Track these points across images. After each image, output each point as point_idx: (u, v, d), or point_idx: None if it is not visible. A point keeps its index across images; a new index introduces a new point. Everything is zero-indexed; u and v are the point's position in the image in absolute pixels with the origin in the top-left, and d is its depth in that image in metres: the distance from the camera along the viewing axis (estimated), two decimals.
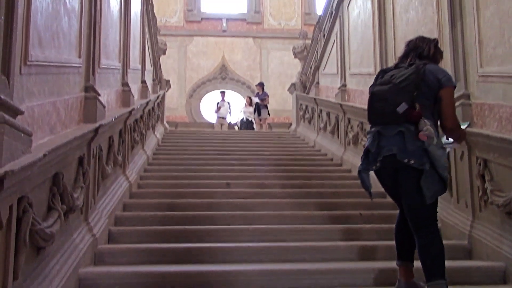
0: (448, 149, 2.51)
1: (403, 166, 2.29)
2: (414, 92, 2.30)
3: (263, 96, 10.81)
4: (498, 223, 2.84)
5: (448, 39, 3.58)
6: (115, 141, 3.76)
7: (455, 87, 2.46)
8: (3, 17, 1.72)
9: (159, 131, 7.34)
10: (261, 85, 11.12)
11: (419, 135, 2.26)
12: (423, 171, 2.25)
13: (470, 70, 3.36)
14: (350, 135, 5.55)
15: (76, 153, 2.64)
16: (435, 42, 2.54)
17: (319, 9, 10.56)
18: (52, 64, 2.44)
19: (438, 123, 2.40)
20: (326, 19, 7.72)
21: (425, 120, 2.27)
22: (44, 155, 1.89)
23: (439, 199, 2.42)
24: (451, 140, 2.50)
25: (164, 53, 10.09)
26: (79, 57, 2.98)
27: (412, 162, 2.26)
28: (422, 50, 2.47)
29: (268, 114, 10.86)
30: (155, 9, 7.98)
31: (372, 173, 2.46)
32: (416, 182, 2.26)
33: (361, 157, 2.49)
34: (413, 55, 2.47)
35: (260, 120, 10.71)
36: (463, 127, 2.62)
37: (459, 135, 2.49)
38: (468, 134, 2.91)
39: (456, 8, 3.51)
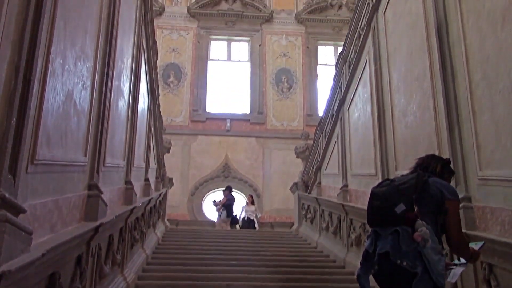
0: (460, 270, 2.42)
1: (396, 268, 2.21)
2: (413, 195, 2.31)
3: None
4: None
5: (446, 142, 3.65)
6: (115, 239, 3.73)
7: (459, 201, 2.44)
8: (15, 119, 1.79)
9: (160, 229, 7.27)
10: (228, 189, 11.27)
11: (414, 235, 2.20)
12: (416, 274, 2.16)
13: (470, 173, 3.40)
14: (353, 236, 5.48)
15: (75, 252, 2.61)
16: (444, 161, 2.56)
17: (321, 111, 10.87)
18: (58, 163, 2.49)
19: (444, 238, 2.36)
20: (327, 121, 7.93)
21: (423, 222, 2.25)
22: (43, 255, 1.87)
23: None
24: (463, 260, 2.42)
25: (169, 152, 10.27)
26: (85, 155, 3.04)
27: (404, 263, 2.19)
28: (428, 165, 2.51)
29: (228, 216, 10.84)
30: (161, 109, 8.25)
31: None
32: (408, 287, 2.16)
33: (360, 261, 2.44)
34: (419, 169, 2.50)
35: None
36: (476, 247, 2.50)
37: (470, 254, 2.40)
38: (472, 237, 2.88)
39: (453, 113, 3.62)
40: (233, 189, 11.48)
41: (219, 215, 10.95)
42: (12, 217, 1.69)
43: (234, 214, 10.98)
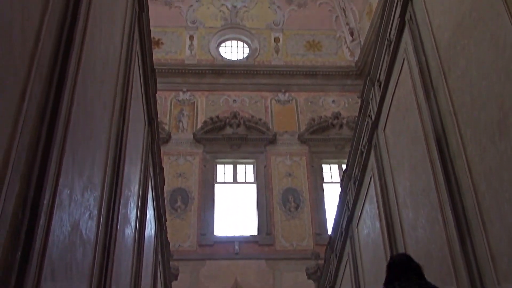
0: None
1: None
2: None
3: None
4: None
5: (459, 255, 3.56)
6: None
7: None
8: (19, 252, 1.78)
9: None
10: None
11: None
12: None
13: (489, 286, 3.27)
14: None
15: None
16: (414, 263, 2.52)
17: (330, 229, 10.75)
18: None
19: None
20: (336, 239, 7.81)
21: None
22: None
23: None
24: None
25: (176, 279, 10.01)
26: (90, 286, 2.97)
27: None
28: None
29: None
30: (168, 235, 8.18)
31: None
32: None
33: None
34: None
35: None
36: None
37: None
38: None
39: (463, 225, 3.57)
40: None
41: None
42: None
43: None
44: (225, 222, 13.78)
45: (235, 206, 14.06)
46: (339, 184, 9.46)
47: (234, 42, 16.97)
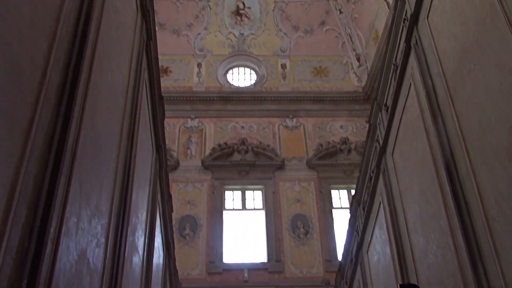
0: None
1: None
2: None
3: None
4: None
5: (472, 281, 3.50)
6: None
7: None
8: (25, 281, 1.77)
9: None
10: None
11: None
12: None
13: None
14: None
15: None
16: None
17: (340, 255, 10.62)
18: None
19: None
20: (347, 266, 7.71)
21: None
22: None
23: None
24: None
25: None
26: None
27: None
28: None
29: None
30: (177, 263, 8.12)
31: None
32: None
33: None
34: None
35: None
36: None
37: None
38: None
39: (474, 251, 3.51)
40: None
41: None
42: None
43: None
44: (234, 249, 13.67)
45: (244, 233, 13.97)
46: (348, 210, 9.40)
47: (241, 69, 17.12)
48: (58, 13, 2.22)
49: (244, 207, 14.46)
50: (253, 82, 16.69)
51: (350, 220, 7.55)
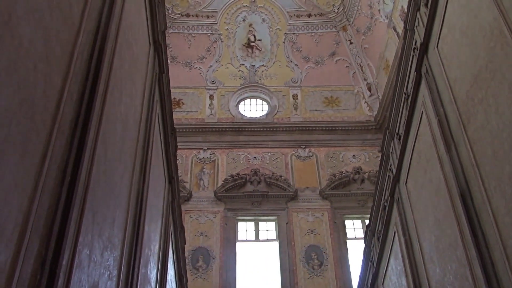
0: None
1: None
2: None
3: None
4: None
5: None
6: None
7: None
8: None
9: None
10: None
11: None
12: None
13: None
14: None
15: None
16: None
17: (355, 287, 10.42)
18: None
19: None
20: None
21: None
22: None
23: None
24: None
25: None
26: None
27: None
28: None
29: None
30: None
31: None
32: None
33: None
34: None
35: None
36: None
37: None
38: None
39: (493, 282, 3.44)
40: None
41: None
42: None
43: None
44: (248, 281, 13.50)
45: (258, 264, 13.80)
46: (363, 240, 9.27)
47: (253, 100, 17.23)
48: (72, 48, 2.27)
49: (257, 238, 14.34)
50: (265, 113, 16.76)
51: (364, 250, 7.45)
